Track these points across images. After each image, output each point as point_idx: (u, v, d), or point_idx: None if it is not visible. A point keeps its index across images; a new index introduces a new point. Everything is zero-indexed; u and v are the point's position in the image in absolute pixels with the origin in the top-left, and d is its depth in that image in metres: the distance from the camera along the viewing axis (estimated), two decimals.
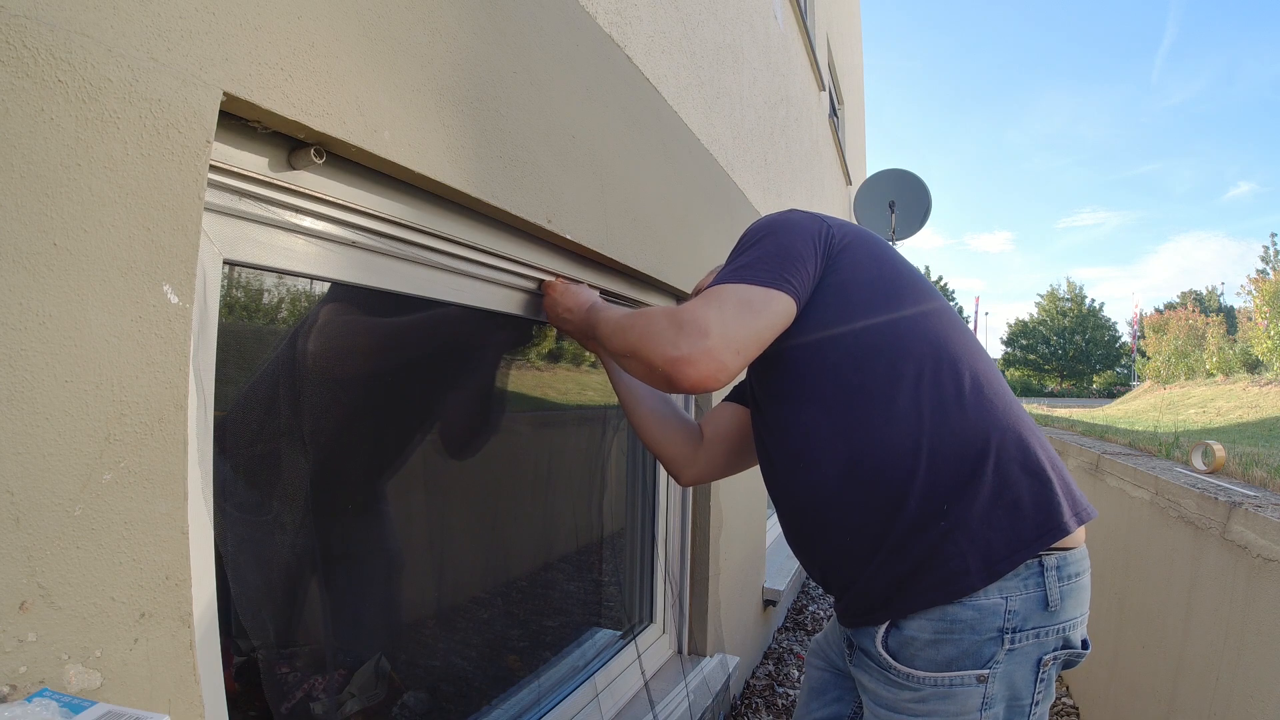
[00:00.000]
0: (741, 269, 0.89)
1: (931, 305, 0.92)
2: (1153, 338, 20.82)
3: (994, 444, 0.83)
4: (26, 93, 0.47)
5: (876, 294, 0.91)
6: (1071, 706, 2.39)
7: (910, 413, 0.84)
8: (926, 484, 0.82)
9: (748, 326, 0.84)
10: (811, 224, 0.94)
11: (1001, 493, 0.82)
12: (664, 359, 0.83)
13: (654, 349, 0.85)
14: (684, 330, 0.83)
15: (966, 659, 0.79)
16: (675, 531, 1.98)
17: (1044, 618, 0.80)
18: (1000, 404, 0.87)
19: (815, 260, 0.91)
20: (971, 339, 0.94)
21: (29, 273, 0.48)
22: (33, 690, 0.47)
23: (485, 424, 1.41)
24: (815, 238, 0.92)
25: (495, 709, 1.31)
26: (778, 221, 0.95)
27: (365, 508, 1.19)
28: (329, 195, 0.80)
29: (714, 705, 1.93)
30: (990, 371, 0.91)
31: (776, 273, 0.87)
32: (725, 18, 2.27)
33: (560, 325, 1.20)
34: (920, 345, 0.87)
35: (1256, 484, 1.67)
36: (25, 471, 0.48)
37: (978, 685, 0.79)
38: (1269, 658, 1.20)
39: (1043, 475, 0.83)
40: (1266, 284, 13.71)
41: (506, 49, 1.03)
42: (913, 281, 0.94)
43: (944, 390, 0.85)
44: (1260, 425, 7.74)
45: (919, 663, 0.81)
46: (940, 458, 0.83)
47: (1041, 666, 0.81)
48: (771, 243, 0.91)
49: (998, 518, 0.81)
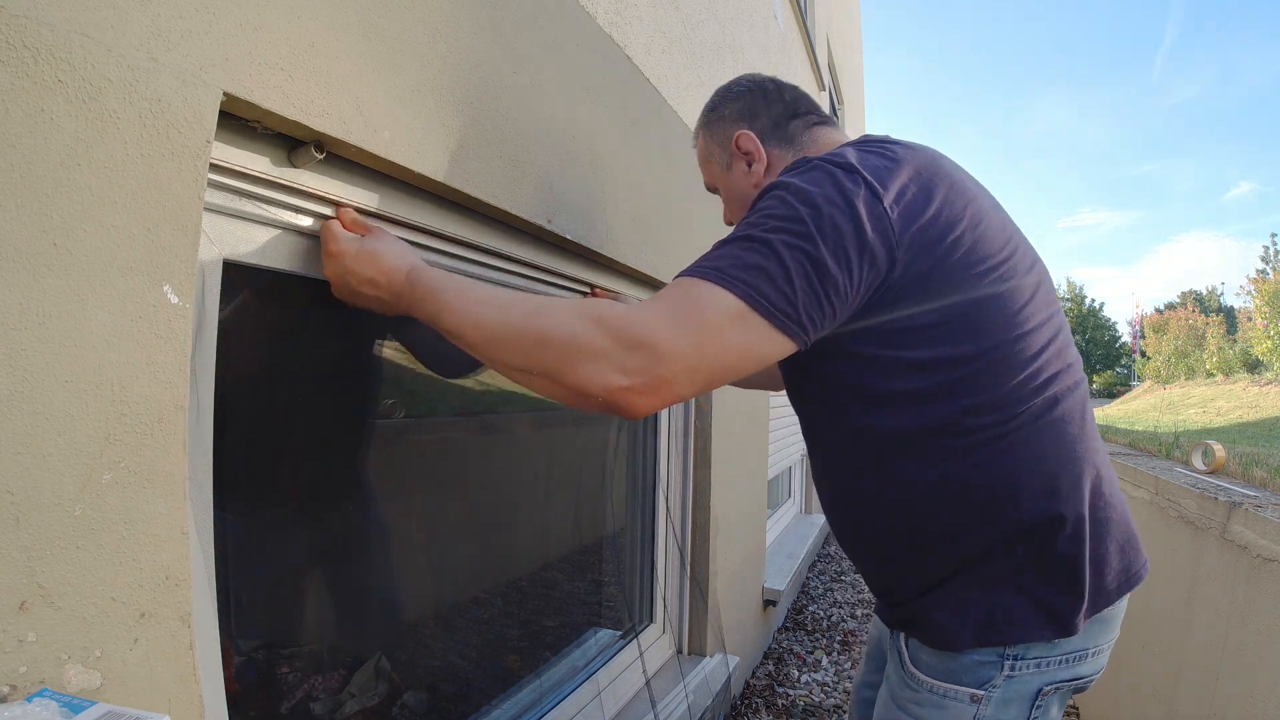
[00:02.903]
0: (745, 272, 0.65)
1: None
2: (1153, 338, 20.81)
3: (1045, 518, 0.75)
4: (26, 93, 0.47)
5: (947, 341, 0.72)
6: (1071, 706, 2.39)
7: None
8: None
9: (725, 361, 0.65)
10: (879, 243, 0.67)
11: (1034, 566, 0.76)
12: (603, 388, 0.63)
13: (588, 375, 0.63)
14: (634, 350, 0.63)
15: (965, 675, 0.78)
16: (675, 531, 1.98)
17: (1046, 649, 0.77)
18: (1078, 449, 0.77)
19: (859, 300, 0.69)
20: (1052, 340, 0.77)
21: (29, 273, 0.48)
22: (33, 690, 0.47)
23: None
24: (873, 268, 0.68)
25: (495, 709, 1.31)
26: (835, 203, 0.66)
27: (364, 505, 1.19)
28: (329, 195, 0.80)
29: (714, 705, 1.93)
30: (1080, 399, 0.79)
31: (801, 307, 0.65)
32: (725, 17, 2.27)
33: (353, 299, 0.78)
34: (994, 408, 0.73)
35: (1256, 484, 1.67)
36: (25, 471, 0.48)
37: (970, 704, 0.77)
38: (1269, 658, 1.20)
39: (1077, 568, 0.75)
40: (1266, 284, 13.71)
41: (506, 49, 1.03)
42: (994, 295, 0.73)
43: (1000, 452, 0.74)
44: (1260, 425, 7.75)
45: (923, 667, 0.81)
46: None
47: (1040, 695, 0.78)
48: (813, 251, 0.65)
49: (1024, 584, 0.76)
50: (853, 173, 0.69)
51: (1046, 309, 0.77)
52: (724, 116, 0.98)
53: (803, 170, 0.72)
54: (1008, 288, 0.73)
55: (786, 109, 0.94)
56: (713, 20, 2.12)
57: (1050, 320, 0.77)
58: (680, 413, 2.00)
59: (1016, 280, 0.74)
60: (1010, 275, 0.74)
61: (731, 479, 2.25)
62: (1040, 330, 0.75)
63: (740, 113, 0.95)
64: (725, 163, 0.98)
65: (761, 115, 0.94)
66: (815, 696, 2.47)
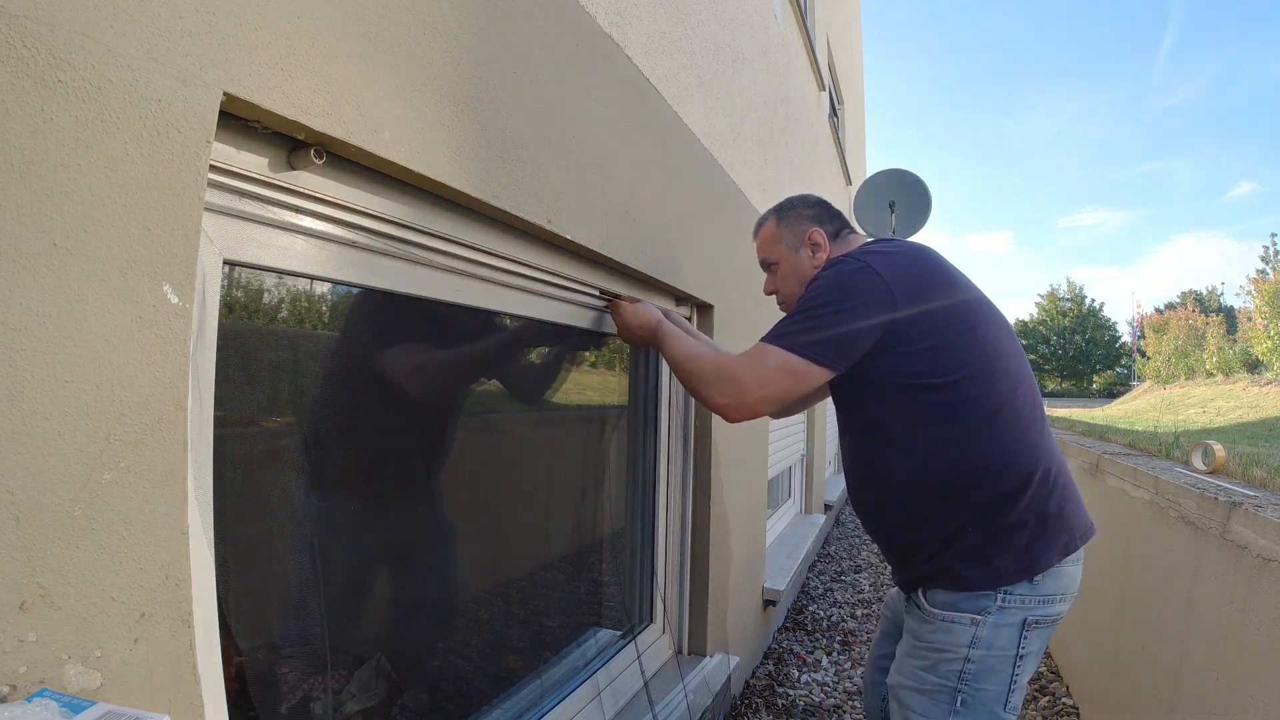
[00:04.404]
0: (796, 335, 1.10)
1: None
2: (1153, 338, 20.83)
3: (1027, 479, 1.09)
4: (26, 93, 0.47)
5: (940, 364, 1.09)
6: (1071, 706, 2.38)
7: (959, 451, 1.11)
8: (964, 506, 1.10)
9: (783, 389, 1.11)
10: (883, 302, 1.08)
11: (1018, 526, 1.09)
12: (712, 403, 1.18)
13: (706, 393, 1.19)
14: (731, 385, 1.14)
15: (967, 604, 1.08)
16: (675, 531, 1.98)
17: (1028, 588, 1.07)
18: (1033, 440, 1.12)
19: (872, 337, 1.09)
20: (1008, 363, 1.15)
21: (29, 273, 0.48)
22: (33, 690, 0.47)
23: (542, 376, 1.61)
24: (881, 315, 1.08)
25: (495, 709, 1.31)
26: (851, 286, 1.10)
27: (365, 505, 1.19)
28: (329, 195, 0.80)
29: (714, 705, 1.93)
30: (1032, 404, 1.14)
31: (828, 351, 1.09)
32: (725, 17, 2.27)
33: (629, 339, 1.47)
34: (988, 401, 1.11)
35: (1256, 484, 1.67)
36: (25, 471, 0.48)
37: (970, 626, 1.07)
38: (1269, 658, 1.20)
39: (1046, 518, 1.09)
40: (1266, 284, 13.72)
41: (506, 49, 1.03)
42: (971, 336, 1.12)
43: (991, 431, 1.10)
44: (1260, 425, 7.76)
45: (936, 604, 1.11)
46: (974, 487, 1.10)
47: (1026, 626, 1.07)
48: (835, 311, 1.09)
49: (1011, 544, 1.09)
50: (863, 265, 1.12)
51: (1009, 340, 1.17)
52: (801, 215, 1.38)
53: (835, 265, 1.17)
54: (977, 323, 1.13)
55: (842, 223, 1.38)
56: (713, 20, 2.12)
57: (1011, 349, 1.16)
58: (680, 413, 2.00)
59: (983, 318, 1.14)
60: (977, 315, 1.14)
61: (731, 479, 2.25)
62: (1007, 357, 1.14)
63: (814, 217, 1.37)
64: (794, 246, 1.37)
65: (828, 224, 1.37)
66: (815, 696, 2.47)
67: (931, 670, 1.10)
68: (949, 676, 1.08)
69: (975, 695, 1.07)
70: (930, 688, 1.10)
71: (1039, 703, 2.44)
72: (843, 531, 5.26)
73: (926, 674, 1.11)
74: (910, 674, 1.13)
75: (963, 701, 1.07)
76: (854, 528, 5.37)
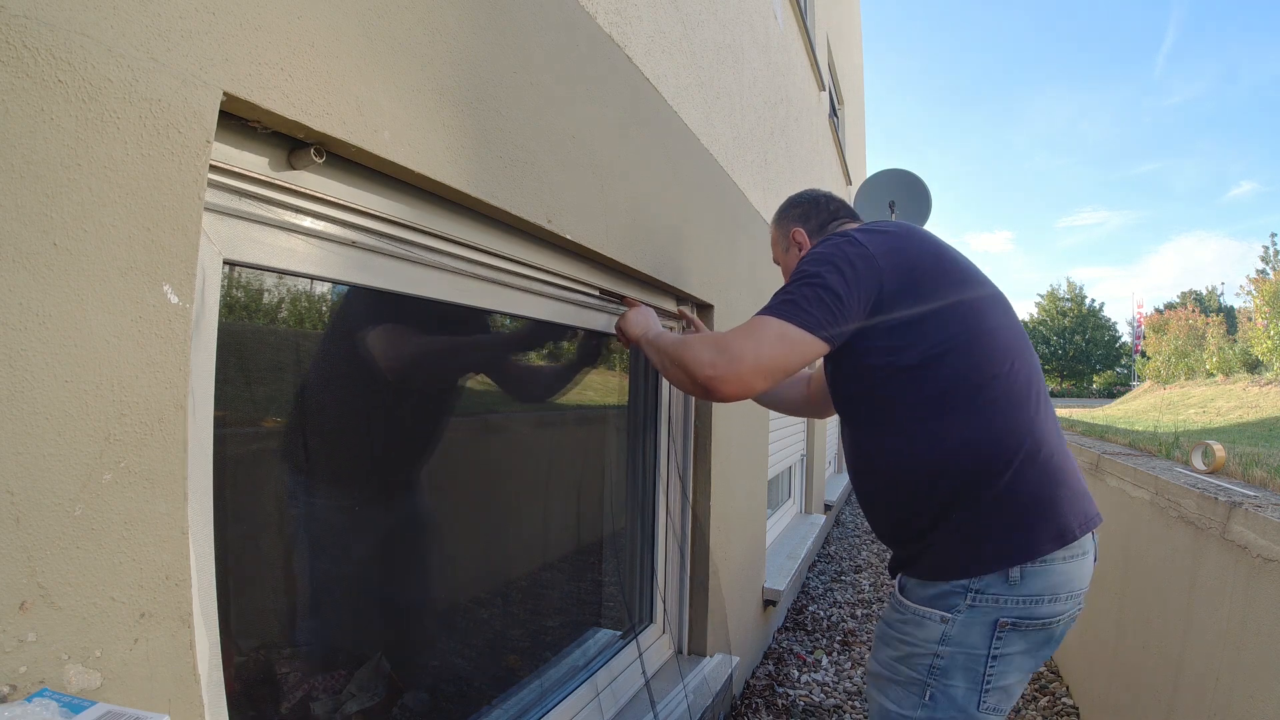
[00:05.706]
0: (789, 304, 1.06)
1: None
2: (1153, 338, 20.83)
3: (1012, 459, 1.05)
4: (26, 93, 0.47)
5: (924, 338, 1.07)
6: (1071, 707, 2.38)
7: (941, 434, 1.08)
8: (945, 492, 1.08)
9: (778, 359, 1.04)
10: (868, 273, 1.07)
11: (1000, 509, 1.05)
12: (701, 374, 1.07)
13: (695, 364, 1.09)
14: (722, 353, 1.06)
15: (939, 601, 1.06)
16: (675, 531, 1.98)
17: (1004, 588, 1.03)
18: (1023, 418, 1.07)
19: (862, 309, 1.07)
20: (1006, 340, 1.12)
21: (29, 273, 0.48)
22: (33, 690, 0.47)
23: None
24: (868, 287, 1.07)
25: (495, 709, 1.31)
26: (839, 257, 1.08)
27: (365, 505, 1.19)
28: (329, 195, 0.80)
29: (714, 705, 1.93)
30: (1025, 383, 1.10)
31: (819, 317, 1.04)
32: (725, 17, 2.27)
33: (623, 333, 1.47)
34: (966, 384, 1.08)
35: (1256, 484, 1.67)
36: (25, 471, 0.48)
37: (940, 624, 1.06)
38: (1269, 658, 1.20)
39: (1040, 498, 1.05)
40: (1266, 284, 13.72)
41: (506, 49, 1.03)
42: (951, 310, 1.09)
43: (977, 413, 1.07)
44: (1260, 425, 7.76)
45: (909, 595, 1.11)
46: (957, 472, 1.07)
47: (999, 627, 1.03)
48: (825, 282, 1.06)
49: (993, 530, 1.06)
50: (850, 238, 1.13)
51: (1004, 316, 1.13)
52: (791, 217, 1.45)
53: (825, 241, 1.16)
54: (966, 295, 1.10)
55: (830, 215, 1.41)
56: (713, 20, 2.12)
57: (1004, 324, 1.12)
58: (680, 412, 2.00)
59: (972, 291, 1.11)
60: (966, 287, 1.11)
61: (731, 479, 2.25)
62: (998, 332, 1.10)
63: (797, 217, 1.44)
64: (785, 246, 1.46)
65: (811, 219, 1.42)
66: (815, 696, 2.47)
67: (904, 661, 1.10)
68: (919, 670, 1.08)
69: (944, 690, 1.06)
70: (903, 679, 1.10)
71: (1039, 703, 2.44)
72: (843, 531, 5.26)
73: (899, 664, 1.11)
74: (885, 663, 1.14)
75: (931, 695, 1.07)
76: (854, 528, 5.37)
